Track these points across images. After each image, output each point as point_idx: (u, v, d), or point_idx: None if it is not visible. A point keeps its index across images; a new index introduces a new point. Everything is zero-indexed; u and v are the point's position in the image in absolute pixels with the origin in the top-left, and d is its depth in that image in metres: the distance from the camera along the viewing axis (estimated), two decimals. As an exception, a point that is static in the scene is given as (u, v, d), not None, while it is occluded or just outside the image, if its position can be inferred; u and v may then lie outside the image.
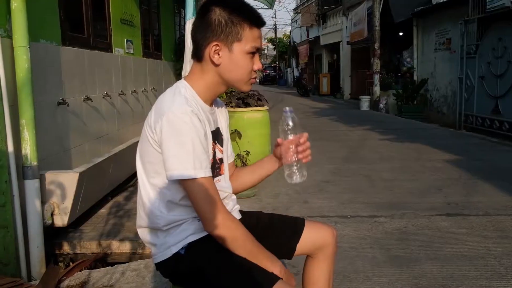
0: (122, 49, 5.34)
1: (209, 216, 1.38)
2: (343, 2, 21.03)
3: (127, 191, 4.64)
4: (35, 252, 2.93)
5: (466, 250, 3.16)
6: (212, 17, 1.44)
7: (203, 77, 1.50)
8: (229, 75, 1.48)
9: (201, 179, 1.37)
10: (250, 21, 1.46)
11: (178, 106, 1.38)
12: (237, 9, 1.45)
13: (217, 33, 1.43)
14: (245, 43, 1.45)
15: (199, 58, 1.49)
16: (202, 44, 1.46)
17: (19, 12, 2.81)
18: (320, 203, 4.36)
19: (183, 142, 1.35)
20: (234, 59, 1.45)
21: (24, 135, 2.86)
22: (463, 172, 5.44)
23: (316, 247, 1.73)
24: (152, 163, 1.45)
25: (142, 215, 1.54)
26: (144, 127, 1.47)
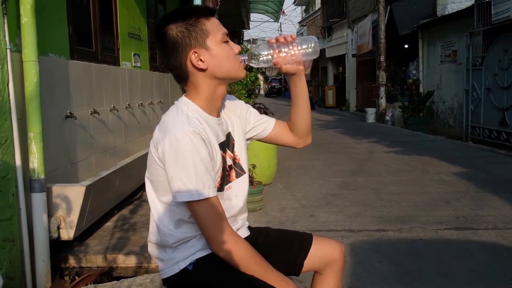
0: (129, 62, 5.37)
1: (214, 237, 1.37)
2: (348, 15, 21.12)
3: (133, 204, 4.63)
4: (41, 266, 2.92)
5: (476, 265, 3.12)
6: (171, 34, 1.43)
7: (199, 91, 1.48)
8: (221, 71, 1.46)
9: (205, 200, 1.36)
10: (203, 15, 1.46)
11: (179, 127, 1.37)
12: (187, 13, 1.45)
13: (187, 43, 1.43)
14: (214, 34, 1.45)
15: (186, 77, 1.48)
16: (181, 63, 1.45)
17: (29, 27, 2.84)
18: (326, 216, 4.33)
19: (185, 165, 1.34)
20: (215, 53, 1.45)
21: (32, 149, 2.87)
22: (471, 185, 5.40)
23: (324, 263, 1.71)
24: (161, 181, 1.44)
25: (152, 231, 1.53)
26: (150, 147, 1.47)
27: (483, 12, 9.52)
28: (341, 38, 22.68)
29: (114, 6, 4.98)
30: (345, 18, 21.73)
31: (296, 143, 1.76)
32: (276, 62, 1.49)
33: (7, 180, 2.70)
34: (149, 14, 6.39)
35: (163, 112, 6.91)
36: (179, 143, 1.35)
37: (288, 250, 1.70)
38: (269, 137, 1.75)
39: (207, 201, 1.37)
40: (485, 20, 9.47)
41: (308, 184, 5.68)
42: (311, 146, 7.71)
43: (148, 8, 6.40)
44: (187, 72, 1.46)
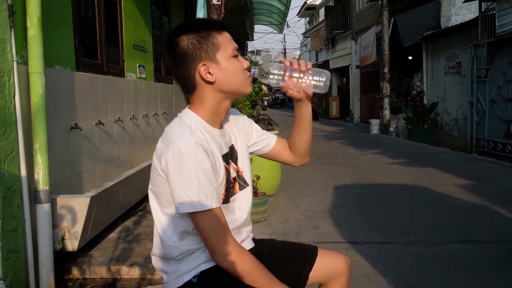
0: (134, 74, 5.41)
1: (217, 249, 1.37)
2: (351, 26, 21.21)
3: (137, 215, 4.63)
4: (45, 277, 2.91)
5: (483, 279, 3.10)
6: (182, 45, 1.44)
7: (204, 103, 1.49)
8: (228, 85, 1.48)
9: (208, 212, 1.36)
10: (216, 28, 1.47)
11: (182, 138, 1.38)
12: (199, 26, 1.47)
13: (197, 55, 1.44)
14: (224, 48, 1.46)
15: (193, 88, 1.49)
16: (189, 74, 1.46)
17: (36, 39, 2.87)
18: (331, 228, 4.31)
19: (187, 176, 1.35)
20: (224, 68, 1.46)
21: (37, 160, 2.89)
22: (476, 197, 5.37)
23: (329, 276, 1.71)
24: (164, 193, 1.44)
25: (156, 244, 1.53)
26: (153, 158, 1.47)
27: (487, 24, 9.54)
28: (345, 50, 22.75)
29: (119, 18, 5.03)
30: (348, 29, 21.82)
31: (294, 161, 1.76)
32: (283, 86, 1.51)
33: (12, 191, 2.71)
34: (154, 26, 6.45)
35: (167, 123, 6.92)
36: (182, 154, 1.35)
37: (293, 263, 1.69)
38: (269, 153, 1.77)
39: (210, 213, 1.36)
40: (489, 32, 9.48)
41: (312, 195, 5.67)
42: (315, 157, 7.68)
43: (153, 20, 6.45)
44: (194, 84, 1.47)
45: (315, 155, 9.45)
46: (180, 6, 8.42)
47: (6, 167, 2.65)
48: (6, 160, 2.65)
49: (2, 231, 2.59)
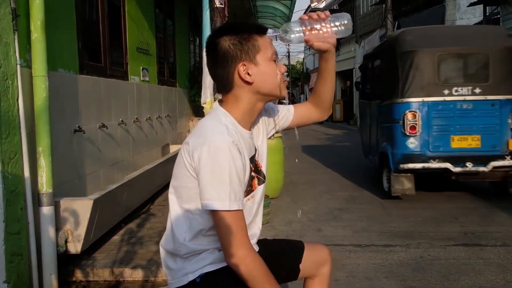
0: (138, 77, 5.43)
1: (232, 250, 1.37)
2: (355, 30, 21.22)
3: (140, 218, 4.64)
4: (48, 279, 2.93)
5: (484, 282, 3.09)
6: (224, 45, 1.46)
7: (239, 103, 1.50)
8: (265, 87, 1.49)
9: (233, 212, 1.36)
10: (257, 31, 1.49)
11: (219, 136, 1.38)
12: (241, 28, 1.48)
13: (238, 55, 1.46)
14: (264, 51, 1.48)
15: (229, 88, 1.50)
16: (228, 74, 1.47)
17: (39, 43, 2.89)
18: (333, 231, 4.31)
19: (220, 174, 1.35)
20: (263, 70, 1.47)
21: (41, 163, 2.90)
22: (480, 201, 5.35)
23: (315, 266, 1.81)
24: (187, 187, 1.44)
25: (167, 237, 1.54)
26: (181, 152, 1.46)
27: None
28: (349, 53, 22.76)
29: (123, 22, 5.06)
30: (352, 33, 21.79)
31: (321, 116, 1.80)
32: (308, 39, 1.50)
33: (16, 194, 2.73)
34: (157, 29, 6.47)
35: (170, 125, 6.97)
36: (218, 151, 1.35)
37: (285, 258, 1.78)
38: (293, 123, 1.78)
39: (235, 214, 1.37)
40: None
41: (315, 198, 5.66)
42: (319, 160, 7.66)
43: (157, 23, 6.48)
44: (232, 83, 1.48)
45: (318, 158, 9.45)
46: (184, 9, 8.45)
47: (10, 170, 2.67)
48: (10, 163, 2.67)
49: (5, 234, 2.61)
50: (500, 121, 5.14)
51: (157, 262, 3.36)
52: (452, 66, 5.38)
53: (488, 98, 5.15)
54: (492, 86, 5.18)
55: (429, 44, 5.35)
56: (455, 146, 5.16)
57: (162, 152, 6.38)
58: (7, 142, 2.65)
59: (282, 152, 5.62)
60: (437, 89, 5.20)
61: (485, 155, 5.10)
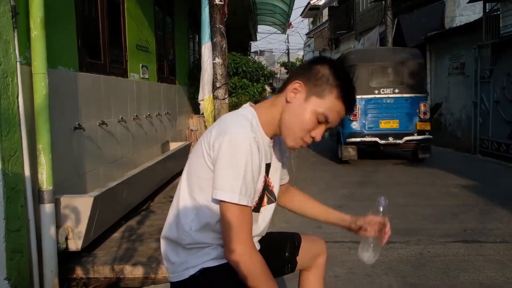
0: (137, 74, 5.43)
1: (232, 245, 1.37)
2: (355, 27, 21.20)
3: (140, 215, 4.65)
4: (49, 276, 2.93)
5: (484, 278, 3.10)
6: (318, 67, 1.46)
7: (271, 109, 1.50)
8: (288, 119, 1.46)
9: (241, 207, 1.36)
10: (342, 94, 1.43)
11: (242, 129, 1.38)
12: (341, 77, 1.45)
13: (308, 78, 1.45)
14: (322, 104, 1.42)
15: (280, 91, 1.51)
16: (289, 79, 1.49)
17: (39, 40, 2.89)
18: (333, 228, 4.26)
19: (237, 166, 1.35)
20: (302, 108, 1.44)
21: (41, 160, 2.90)
22: (479, 198, 5.36)
23: (312, 257, 1.84)
24: (200, 177, 1.45)
25: (170, 225, 1.54)
26: (201, 142, 1.47)
27: (492, 25, 9.52)
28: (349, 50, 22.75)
29: (122, 19, 5.05)
30: (352, 30, 21.81)
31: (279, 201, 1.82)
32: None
33: (16, 191, 2.73)
34: (157, 27, 6.47)
35: (170, 123, 6.97)
36: (239, 143, 1.35)
37: (283, 251, 1.80)
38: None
39: (243, 208, 1.36)
40: (494, 33, 9.45)
41: (315, 195, 5.62)
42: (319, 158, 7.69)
43: (156, 20, 6.48)
44: (284, 88, 1.50)
45: (319, 156, 9.45)
46: (183, 7, 8.44)
47: (10, 168, 2.67)
48: (10, 161, 2.67)
49: (6, 231, 2.61)
50: (411, 111, 7.99)
51: (157, 259, 3.36)
52: (380, 75, 8.12)
53: (403, 95, 8.01)
54: (406, 88, 8.05)
55: (365, 60, 8.26)
56: (382, 127, 7.97)
57: (162, 150, 6.39)
58: (7, 139, 2.65)
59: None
60: (370, 89, 7.95)
61: (401, 133, 7.91)
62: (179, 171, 6.73)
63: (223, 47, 4.50)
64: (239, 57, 9.42)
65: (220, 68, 4.51)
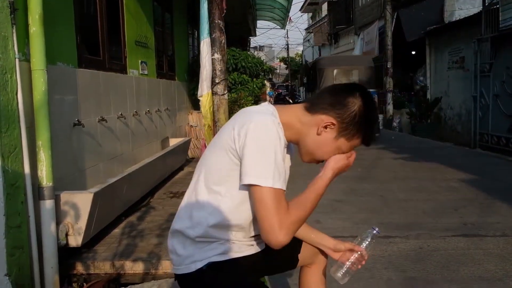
0: (136, 70, 5.42)
1: (274, 227, 1.34)
2: (355, 21, 21.16)
3: (140, 211, 4.65)
4: (49, 272, 2.94)
5: (484, 272, 3.10)
6: (352, 103, 1.46)
7: (294, 118, 1.50)
8: (311, 145, 1.50)
9: (277, 190, 1.35)
10: (366, 140, 1.53)
11: (267, 116, 1.41)
12: (370, 121, 1.49)
13: (344, 119, 1.46)
14: (348, 144, 1.51)
15: (311, 110, 1.50)
16: (326, 109, 1.47)
17: (37, 36, 2.88)
18: (333, 223, 4.32)
19: (266, 151, 1.34)
20: (329, 143, 1.49)
21: (41, 156, 2.90)
22: (479, 192, 5.37)
23: (313, 254, 1.82)
24: (221, 169, 1.44)
25: (182, 217, 1.53)
26: (221, 134, 1.47)
27: (491, 18, 9.51)
28: (348, 45, 22.72)
29: (121, 15, 5.04)
30: (352, 24, 21.76)
31: None
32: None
33: (16, 188, 2.73)
34: (156, 22, 6.45)
35: (170, 119, 6.96)
36: (266, 128, 1.36)
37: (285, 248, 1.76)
38: None
39: (279, 192, 1.35)
40: (493, 26, 9.45)
41: (315, 191, 5.66)
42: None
43: (155, 16, 6.46)
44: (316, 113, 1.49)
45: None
46: (182, 2, 8.42)
47: (10, 164, 2.67)
48: (10, 157, 2.67)
49: (6, 227, 2.61)
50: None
51: (157, 255, 3.37)
52: (342, 75, 10.94)
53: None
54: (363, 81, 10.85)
55: (331, 65, 11.58)
56: None
57: (162, 146, 6.39)
58: (7, 136, 2.65)
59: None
60: None
61: None
62: (179, 167, 6.73)
63: (222, 43, 4.50)
64: (238, 52, 9.40)
65: (219, 64, 4.51)
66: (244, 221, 1.49)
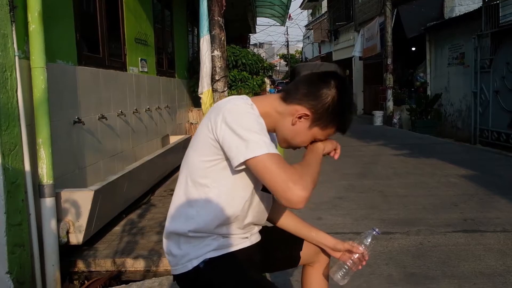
0: (136, 68, 5.42)
1: (296, 182, 1.31)
2: (355, 18, 21.12)
3: (141, 208, 4.66)
4: (50, 270, 2.95)
5: (484, 268, 3.11)
6: (326, 94, 1.47)
7: (270, 107, 1.52)
8: (287, 134, 1.53)
9: (275, 154, 1.32)
10: (341, 128, 1.55)
11: (238, 100, 1.42)
12: (345, 109, 1.52)
13: (317, 110, 1.47)
14: (322, 133, 1.53)
15: (286, 100, 1.51)
16: (300, 100, 1.48)
17: (37, 34, 2.88)
18: (334, 219, 4.33)
19: (248, 124, 1.34)
20: (304, 133, 1.51)
21: (41, 154, 2.91)
22: (480, 188, 5.37)
23: (315, 252, 1.82)
24: (205, 161, 1.44)
25: (173, 216, 1.53)
26: (199, 131, 1.47)
27: (491, 14, 9.49)
28: (348, 41, 22.68)
29: (121, 12, 5.04)
30: (351, 21, 21.73)
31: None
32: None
33: (17, 185, 2.74)
34: (155, 20, 6.45)
35: (170, 116, 6.97)
36: (240, 108, 1.38)
37: (285, 245, 1.80)
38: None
39: (276, 156, 1.33)
40: (493, 22, 9.43)
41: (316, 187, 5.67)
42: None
43: (155, 13, 6.46)
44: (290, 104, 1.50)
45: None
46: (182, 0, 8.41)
47: (10, 162, 2.67)
48: (10, 155, 2.68)
49: (7, 225, 2.62)
50: None
51: (158, 252, 3.38)
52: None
53: None
54: None
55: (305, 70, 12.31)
56: None
57: (162, 143, 6.39)
58: (7, 134, 2.65)
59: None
60: None
61: None
62: (179, 164, 6.73)
63: (222, 40, 4.50)
64: (238, 49, 9.40)
65: (219, 61, 4.51)
66: (236, 208, 1.48)
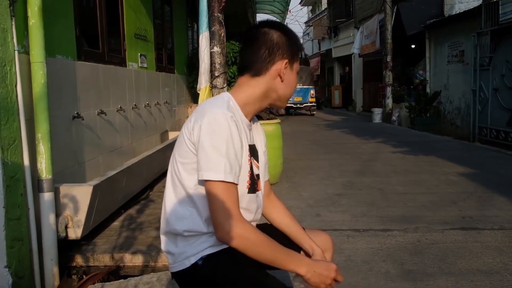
0: (135, 63, 5.41)
1: (223, 223, 1.36)
2: (354, 15, 21.09)
3: (139, 204, 4.66)
4: (49, 265, 2.95)
5: (481, 265, 3.12)
6: (274, 36, 1.53)
7: (250, 90, 1.54)
8: (284, 92, 1.57)
9: (228, 184, 1.37)
10: (300, 46, 1.62)
11: (218, 109, 1.42)
12: (289, 30, 1.59)
13: (287, 52, 1.53)
14: (297, 63, 1.60)
15: (257, 73, 1.54)
16: (271, 61, 1.52)
17: (36, 29, 2.88)
18: (332, 216, 4.33)
19: (218, 144, 1.37)
20: (292, 77, 1.58)
21: (40, 149, 2.91)
22: (478, 186, 5.38)
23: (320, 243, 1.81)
24: (185, 163, 1.48)
25: (167, 217, 1.54)
26: (182, 130, 1.50)
27: (491, 12, 9.48)
28: (348, 38, 22.64)
29: (120, 8, 5.03)
30: (351, 18, 21.69)
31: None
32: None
33: (16, 180, 2.74)
34: (155, 15, 6.44)
35: (169, 112, 6.97)
36: (217, 123, 1.39)
37: (288, 244, 1.74)
38: None
39: (229, 185, 1.38)
40: (493, 20, 9.42)
41: (314, 183, 5.68)
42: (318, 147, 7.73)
43: (155, 9, 6.44)
44: (267, 71, 1.53)
45: (318, 144, 9.47)
46: (181, -5, 8.39)
47: (9, 156, 2.68)
48: (9, 149, 2.68)
49: (6, 219, 2.62)
50: (307, 93, 18.70)
51: (157, 248, 3.38)
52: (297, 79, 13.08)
53: (304, 86, 18.45)
54: (304, 83, 18.52)
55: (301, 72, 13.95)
56: (295, 100, 18.32)
57: (161, 139, 6.39)
58: (6, 128, 2.65)
59: (281, 137, 5.64)
60: None
61: (303, 102, 18.76)
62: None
63: (221, 36, 4.49)
64: (238, 46, 9.39)
65: (218, 57, 4.50)
66: None
